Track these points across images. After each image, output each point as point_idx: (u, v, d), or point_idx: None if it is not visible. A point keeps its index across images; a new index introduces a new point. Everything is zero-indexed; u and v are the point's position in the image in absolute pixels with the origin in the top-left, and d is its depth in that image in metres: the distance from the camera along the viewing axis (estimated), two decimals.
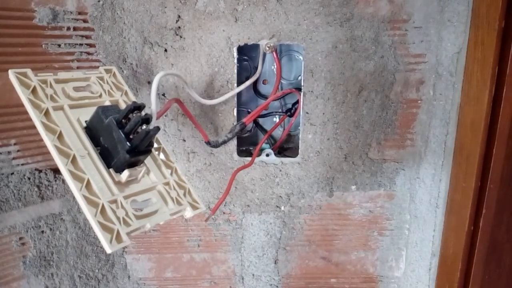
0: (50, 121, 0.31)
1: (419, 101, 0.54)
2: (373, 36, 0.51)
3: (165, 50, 0.51)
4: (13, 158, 0.48)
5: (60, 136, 0.31)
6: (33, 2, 0.45)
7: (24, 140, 0.48)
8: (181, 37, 0.50)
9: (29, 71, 0.32)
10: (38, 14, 0.46)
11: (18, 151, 0.48)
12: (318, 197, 0.58)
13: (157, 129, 0.31)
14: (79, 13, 0.48)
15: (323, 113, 0.54)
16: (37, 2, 0.46)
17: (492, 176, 0.54)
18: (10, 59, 0.45)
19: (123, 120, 0.32)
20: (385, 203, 0.59)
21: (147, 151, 0.33)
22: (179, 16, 0.50)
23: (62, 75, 0.35)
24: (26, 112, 0.47)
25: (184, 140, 0.54)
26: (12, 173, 0.48)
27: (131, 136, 0.31)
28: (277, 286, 0.63)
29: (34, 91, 0.32)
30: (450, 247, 0.59)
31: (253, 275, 0.62)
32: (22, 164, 0.48)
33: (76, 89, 0.35)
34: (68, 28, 0.48)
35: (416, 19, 0.51)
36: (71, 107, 0.33)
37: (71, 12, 0.47)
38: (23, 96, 0.31)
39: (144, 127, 0.32)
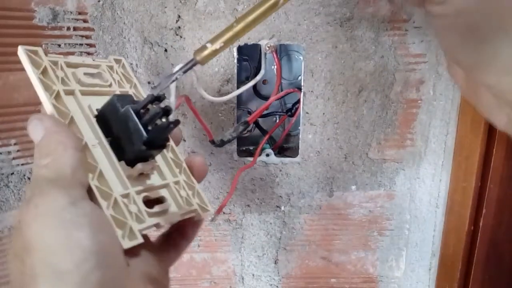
0: (61, 104, 0.29)
1: (419, 101, 0.54)
2: (373, 36, 0.51)
3: (165, 50, 0.51)
4: (13, 158, 0.48)
5: (71, 122, 0.28)
6: (33, 2, 0.45)
7: (24, 140, 0.48)
8: (181, 37, 0.50)
9: (40, 50, 0.30)
10: (38, 14, 0.46)
11: (18, 151, 0.48)
12: (318, 197, 0.58)
13: (178, 122, 0.29)
14: (79, 13, 0.48)
15: (323, 113, 0.54)
16: (37, 2, 0.45)
17: (492, 176, 0.54)
18: (10, 59, 0.45)
19: (141, 111, 0.30)
20: (385, 203, 0.59)
21: (163, 145, 0.31)
22: (179, 16, 0.50)
23: (73, 59, 0.33)
24: (26, 112, 0.47)
25: (184, 140, 0.54)
26: (12, 173, 0.48)
27: (149, 128, 0.29)
28: (277, 286, 0.63)
29: (44, 71, 0.29)
30: (450, 247, 0.59)
31: (253, 275, 0.62)
32: (22, 164, 0.48)
33: (86, 75, 0.33)
34: (68, 28, 0.47)
35: (416, 19, 0.51)
36: (82, 93, 0.31)
37: (71, 12, 0.47)
38: (34, 75, 0.28)
39: (163, 119, 0.30)
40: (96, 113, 0.31)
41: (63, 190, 0.23)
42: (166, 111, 0.29)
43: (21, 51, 0.29)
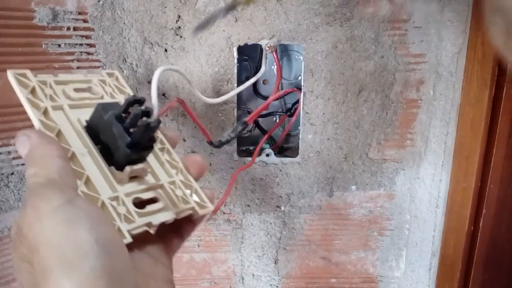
0: (48, 119, 0.30)
1: (419, 101, 0.54)
2: (373, 36, 0.51)
3: (165, 50, 0.51)
4: (13, 158, 0.48)
5: (58, 135, 0.30)
6: (33, 2, 0.45)
7: None
8: (181, 37, 0.50)
9: (28, 72, 0.32)
10: (38, 14, 0.46)
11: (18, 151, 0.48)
12: (318, 197, 0.58)
13: (158, 122, 0.30)
14: (79, 13, 0.48)
15: (323, 113, 0.54)
16: (37, 2, 0.46)
17: (492, 176, 0.54)
18: (10, 59, 0.45)
19: (123, 115, 0.31)
20: (385, 203, 0.59)
21: (149, 147, 0.32)
22: (179, 16, 0.50)
23: (63, 76, 0.34)
24: (26, 112, 0.47)
25: (184, 140, 0.54)
26: (12, 173, 0.48)
27: (131, 130, 0.30)
28: (277, 286, 0.63)
29: (33, 91, 0.31)
30: (450, 247, 0.59)
31: (253, 275, 0.62)
32: (22, 164, 0.48)
33: (77, 90, 0.34)
34: (68, 28, 0.48)
35: (416, 19, 0.51)
36: (71, 107, 0.33)
37: (71, 12, 0.47)
38: (22, 95, 0.31)
39: (144, 119, 0.30)
40: (85, 124, 0.32)
41: (58, 190, 0.25)
42: (146, 112, 0.30)
43: (9, 75, 0.31)
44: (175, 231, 0.35)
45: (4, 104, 0.45)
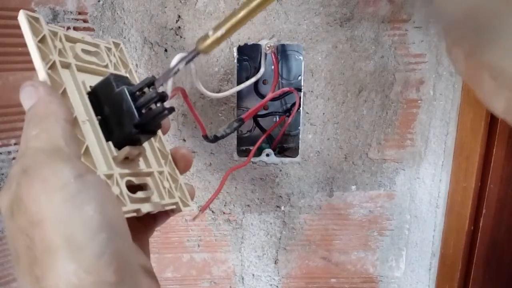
0: (56, 75, 0.28)
1: (419, 101, 0.54)
2: (373, 36, 0.51)
3: (165, 50, 0.51)
4: (13, 158, 0.48)
5: (63, 94, 0.27)
6: (33, 2, 0.45)
7: None
8: (181, 37, 0.50)
9: (41, 18, 0.29)
10: (38, 14, 0.45)
11: (18, 151, 0.48)
12: (318, 197, 0.58)
13: (173, 109, 0.29)
14: (79, 13, 0.48)
15: (323, 113, 0.54)
16: (37, 2, 0.46)
17: (492, 176, 0.54)
18: (10, 59, 0.45)
19: (137, 93, 0.29)
20: (385, 203, 0.59)
21: (153, 132, 0.31)
22: (179, 16, 0.50)
23: (73, 33, 0.32)
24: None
25: (184, 140, 0.54)
26: None
27: (142, 111, 0.29)
28: (277, 286, 0.63)
29: (43, 40, 0.28)
30: (450, 247, 0.59)
31: (253, 275, 0.62)
32: None
33: (84, 52, 0.32)
34: (68, 28, 0.48)
35: (416, 19, 0.51)
36: (77, 68, 0.30)
37: (71, 12, 0.47)
38: (32, 41, 0.27)
39: (158, 105, 0.29)
40: (89, 90, 0.30)
41: (68, 162, 0.22)
42: (162, 97, 0.29)
43: (22, 16, 0.28)
44: (151, 219, 0.34)
45: (4, 104, 0.45)
